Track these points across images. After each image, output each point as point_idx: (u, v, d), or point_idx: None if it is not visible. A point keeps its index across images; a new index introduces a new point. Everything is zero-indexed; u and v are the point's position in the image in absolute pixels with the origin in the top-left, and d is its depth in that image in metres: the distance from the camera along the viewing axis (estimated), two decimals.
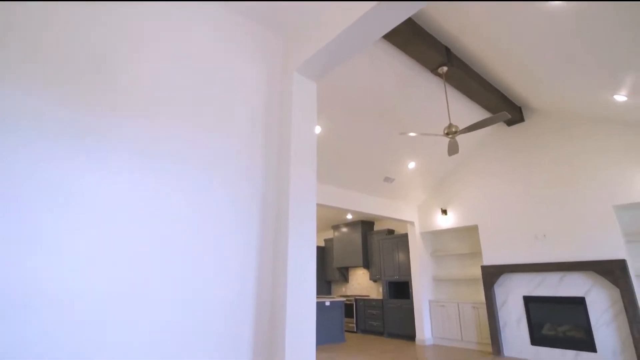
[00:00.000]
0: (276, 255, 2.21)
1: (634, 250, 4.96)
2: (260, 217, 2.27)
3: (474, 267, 6.83)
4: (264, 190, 2.36)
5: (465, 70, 4.72)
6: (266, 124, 2.48)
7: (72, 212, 1.72)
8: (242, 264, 2.13)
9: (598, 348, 4.75)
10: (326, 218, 9.43)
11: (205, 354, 1.88)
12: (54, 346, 1.55)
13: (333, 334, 7.00)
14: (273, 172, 2.41)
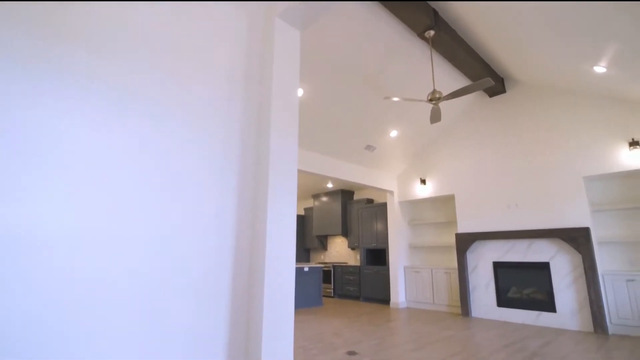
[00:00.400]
0: (255, 213, 2.16)
1: (598, 219, 5.24)
2: (238, 173, 2.19)
3: (449, 235, 7.06)
4: (243, 147, 2.27)
5: (452, 35, 4.63)
6: (246, 74, 2.35)
7: (46, 157, 1.60)
8: (220, 218, 2.08)
9: (558, 308, 5.09)
10: (306, 187, 9.43)
11: (184, 301, 1.85)
12: (31, 292, 1.48)
13: (311, 298, 7.19)
14: (253, 125, 2.32)
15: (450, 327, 5.11)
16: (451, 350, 3.85)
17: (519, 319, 5.43)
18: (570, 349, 3.87)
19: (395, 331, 4.82)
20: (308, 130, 5.50)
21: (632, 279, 4.59)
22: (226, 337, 1.95)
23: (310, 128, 5.48)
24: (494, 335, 4.59)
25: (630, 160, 4.77)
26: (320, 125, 5.53)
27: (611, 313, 4.69)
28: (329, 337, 4.49)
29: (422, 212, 7.60)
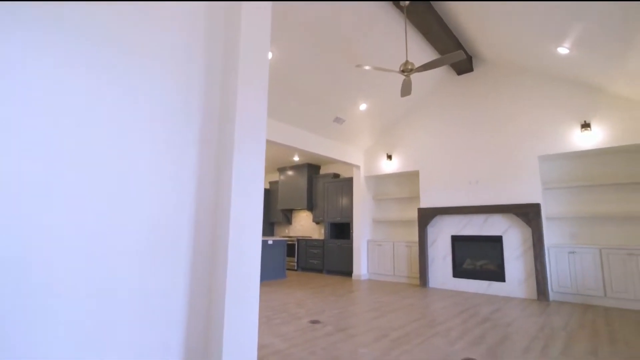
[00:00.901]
0: (219, 172, 1.99)
1: (548, 196, 5.59)
2: (199, 128, 1.99)
3: (411, 210, 7.26)
4: (206, 98, 2.05)
5: (427, 7, 4.53)
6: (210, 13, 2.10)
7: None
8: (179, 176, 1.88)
9: (507, 278, 5.46)
10: (272, 159, 9.20)
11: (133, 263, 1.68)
12: None
13: (275, 271, 7.16)
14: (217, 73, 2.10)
15: (410, 296, 5.32)
16: (411, 317, 4.00)
17: (472, 288, 5.77)
18: (517, 314, 4.17)
19: (357, 301, 4.93)
20: (275, 97, 5.26)
21: (573, 251, 4.99)
22: (185, 304, 1.82)
23: (278, 96, 5.24)
24: (449, 303, 4.83)
25: (581, 142, 5.06)
26: (289, 94, 5.30)
27: (553, 282, 5.10)
28: (292, 307, 4.49)
29: (387, 187, 7.71)
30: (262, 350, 2.84)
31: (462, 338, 3.21)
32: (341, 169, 9.08)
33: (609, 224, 5.07)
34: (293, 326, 3.56)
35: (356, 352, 2.80)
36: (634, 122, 4.70)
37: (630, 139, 4.71)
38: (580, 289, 4.88)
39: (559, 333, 3.40)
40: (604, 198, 5.15)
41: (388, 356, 2.72)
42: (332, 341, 3.08)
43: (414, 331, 3.42)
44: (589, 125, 4.98)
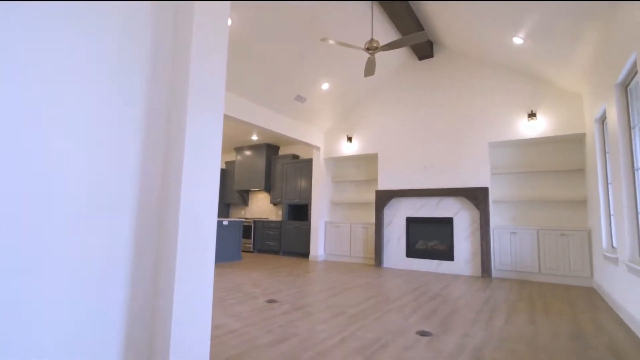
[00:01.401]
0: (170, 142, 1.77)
1: (495, 180, 5.93)
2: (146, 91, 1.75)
3: (369, 192, 7.36)
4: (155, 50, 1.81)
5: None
6: None
7: None
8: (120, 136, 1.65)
9: (455, 258, 5.76)
10: (229, 138, 8.81)
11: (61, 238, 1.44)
12: None
13: (230, 252, 6.94)
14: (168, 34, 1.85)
15: (365, 275, 5.42)
16: (367, 295, 4.06)
17: (423, 267, 6.03)
18: (465, 290, 4.41)
19: (314, 280, 4.92)
20: (234, 69, 4.95)
21: (514, 232, 5.37)
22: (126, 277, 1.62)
23: (236, 67, 4.93)
24: (403, 281, 4.99)
25: (527, 130, 5.39)
26: (249, 67, 5.02)
27: (495, 261, 5.48)
28: (248, 287, 4.36)
29: (346, 169, 7.74)
30: (216, 330, 2.70)
31: (415, 313, 3.31)
32: (301, 150, 8.95)
33: (546, 207, 5.51)
34: (248, 306, 3.44)
35: (314, 329, 2.77)
36: (574, 114, 5.08)
37: (569, 129, 5.09)
38: (518, 266, 5.29)
39: (501, 306, 3.64)
40: (543, 184, 5.57)
41: (346, 332, 2.72)
42: (290, 319, 3.02)
43: (370, 308, 3.47)
44: (535, 115, 5.31)
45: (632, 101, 3.09)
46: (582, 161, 5.29)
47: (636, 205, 3.00)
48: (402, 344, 2.49)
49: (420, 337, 2.63)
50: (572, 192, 5.34)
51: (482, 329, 2.86)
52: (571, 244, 4.96)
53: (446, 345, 2.48)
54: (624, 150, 3.13)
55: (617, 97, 3.20)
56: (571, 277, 4.94)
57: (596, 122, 4.28)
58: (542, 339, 2.63)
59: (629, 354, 2.38)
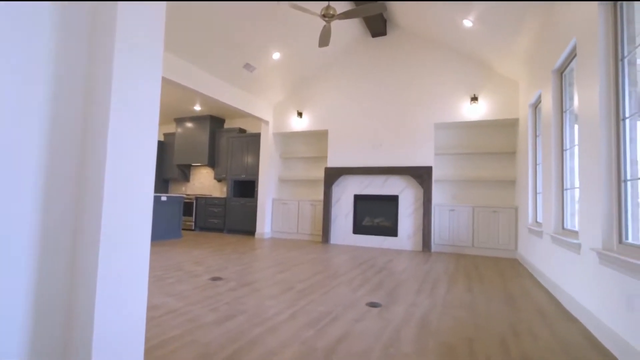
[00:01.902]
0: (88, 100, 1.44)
1: (438, 161, 6.21)
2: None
3: (318, 169, 7.30)
4: None
5: None
6: None
7: None
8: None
9: (399, 233, 5.99)
10: (169, 107, 8.07)
11: None
12: None
13: (169, 230, 6.47)
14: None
15: (313, 252, 5.40)
16: (315, 270, 4.03)
17: (369, 243, 6.19)
18: (408, 264, 4.60)
19: (261, 257, 4.77)
20: (177, 30, 4.42)
21: (453, 209, 5.71)
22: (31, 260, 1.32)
23: (178, 23, 4.41)
24: (350, 256, 5.06)
25: (469, 113, 5.67)
26: (192, 22, 4.51)
27: (435, 236, 5.80)
28: (189, 265, 4.07)
29: (295, 145, 7.56)
30: (153, 311, 2.45)
31: (363, 286, 3.34)
32: (248, 124, 8.53)
33: (481, 186, 5.93)
34: (190, 284, 3.20)
35: (263, 305, 2.64)
36: (510, 100, 5.44)
37: (505, 114, 5.45)
38: (455, 241, 5.66)
39: (442, 277, 3.85)
40: (480, 164, 5.96)
41: (296, 306, 2.64)
42: (236, 296, 2.85)
43: (318, 282, 3.43)
44: (477, 99, 5.59)
45: (565, 86, 3.34)
46: (514, 144, 5.73)
47: (562, 182, 3.30)
48: (352, 316, 2.47)
49: (370, 308, 2.65)
50: (504, 173, 5.79)
51: (426, 298, 2.97)
52: (501, 220, 5.41)
53: (395, 314, 2.52)
54: (556, 132, 3.39)
55: (554, 82, 3.43)
56: (499, 249, 5.41)
57: (530, 108, 4.61)
58: (479, 305, 2.81)
59: (551, 312, 2.63)
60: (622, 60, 2.17)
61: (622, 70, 2.17)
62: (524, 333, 2.23)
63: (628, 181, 2.10)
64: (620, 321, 1.90)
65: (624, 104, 2.15)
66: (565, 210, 3.26)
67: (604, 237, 2.17)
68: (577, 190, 3.10)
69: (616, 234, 2.12)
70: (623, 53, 2.17)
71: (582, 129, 2.58)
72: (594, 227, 2.29)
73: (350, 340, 2.03)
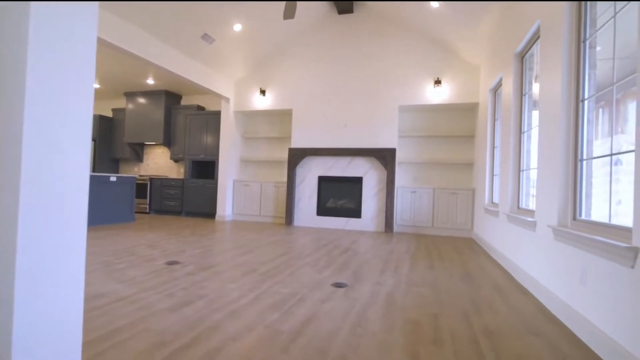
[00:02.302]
0: None
1: (402, 143, 6.28)
2: None
3: (282, 150, 7.10)
4: None
5: None
6: None
7: None
8: None
9: (362, 215, 6.04)
10: (118, 80, 7.38)
11: None
12: None
13: (120, 213, 6.01)
14: None
15: (276, 234, 5.29)
16: (279, 252, 3.92)
17: (333, 225, 6.18)
18: (371, 244, 4.64)
19: (221, 240, 4.57)
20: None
21: (415, 191, 5.83)
22: None
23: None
24: (313, 238, 5.01)
25: (433, 96, 5.74)
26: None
27: (397, 217, 5.91)
28: (143, 250, 3.78)
29: (258, 125, 7.28)
30: (99, 299, 2.21)
31: (329, 267, 3.30)
32: (207, 101, 8.06)
33: (441, 169, 6.09)
34: (144, 269, 2.96)
35: (225, 288, 2.50)
36: (471, 84, 5.57)
37: (466, 98, 5.58)
38: (416, 222, 5.81)
39: (404, 256, 3.91)
40: (441, 147, 6.11)
41: (259, 289, 2.53)
42: (195, 281, 2.68)
43: (283, 264, 3.34)
44: (440, 82, 5.66)
45: (525, 70, 3.43)
46: (473, 128, 5.92)
47: (519, 164, 3.43)
48: (319, 296, 2.41)
49: (336, 288, 2.60)
50: (463, 156, 5.99)
51: (391, 277, 2.99)
52: (459, 201, 5.61)
53: (361, 293, 2.50)
54: (515, 115, 3.50)
55: (515, 65, 3.51)
56: (457, 229, 5.64)
57: (490, 92, 4.74)
58: (441, 282, 2.87)
59: (507, 288, 2.76)
60: (584, 42, 2.22)
61: (583, 53, 2.22)
62: (485, 308, 2.30)
63: (584, 160, 2.18)
64: (573, 293, 2.00)
65: (584, 86, 2.21)
66: (521, 190, 3.41)
67: (560, 215, 2.27)
68: (533, 171, 3.23)
69: (571, 211, 2.22)
70: (585, 35, 2.22)
71: (543, 110, 2.65)
72: (551, 205, 2.39)
73: (317, 322, 1.96)
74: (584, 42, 2.22)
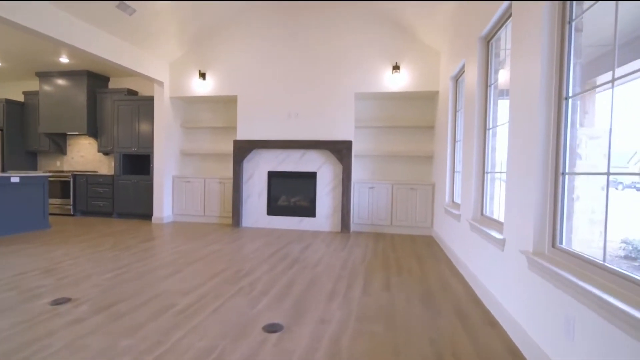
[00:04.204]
0: None
1: (358, 134, 5.78)
2: None
3: (227, 142, 6.35)
4: None
5: None
6: None
7: None
8: None
9: (317, 214, 5.52)
10: (27, 58, 6.13)
11: None
12: None
13: (28, 220, 5.02)
14: None
15: (218, 240, 4.63)
16: (214, 269, 3.30)
17: (285, 225, 5.62)
18: (324, 251, 4.14)
19: (148, 254, 3.85)
20: None
21: (373, 186, 5.39)
22: None
23: None
24: (261, 244, 4.42)
25: (391, 84, 5.25)
26: None
27: (354, 215, 5.47)
28: (32, 278, 2.99)
29: (200, 113, 6.43)
30: None
31: (267, 293, 2.74)
32: (139, 84, 7.01)
33: (400, 162, 5.70)
34: (13, 316, 2.22)
35: (114, 347, 1.86)
36: (431, 71, 5.13)
37: (426, 86, 5.16)
38: (374, 219, 5.40)
39: (358, 268, 3.46)
40: (400, 139, 5.69)
41: (165, 344, 1.91)
42: (78, 334, 2.00)
43: (212, 291, 2.73)
44: (399, 68, 5.17)
45: (491, 57, 2.99)
46: (433, 118, 5.54)
47: (484, 164, 3.03)
48: (243, 350, 1.86)
49: (267, 334, 2.05)
50: (423, 148, 5.62)
51: (339, 306, 2.50)
52: (418, 197, 5.26)
53: (299, 341, 1.97)
54: (479, 109, 3.08)
55: (480, 50, 3.06)
56: (416, 227, 5.31)
57: (451, 80, 4.32)
58: (398, 311, 2.42)
59: (473, 317, 2.37)
60: (569, 24, 1.77)
61: (568, 37, 1.77)
62: (447, 352, 1.86)
63: (566, 174, 1.77)
64: (556, 347, 1.60)
65: (568, 79, 1.77)
66: (485, 193, 3.03)
67: (535, 239, 1.86)
68: (499, 174, 2.84)
69: (549, 236, 1.81)
70: (572, 15, 1.76)
71: (514, 107, 2.21)
72: (523, 224, 1.98)
73: None
74: (569, 23, 1.77)
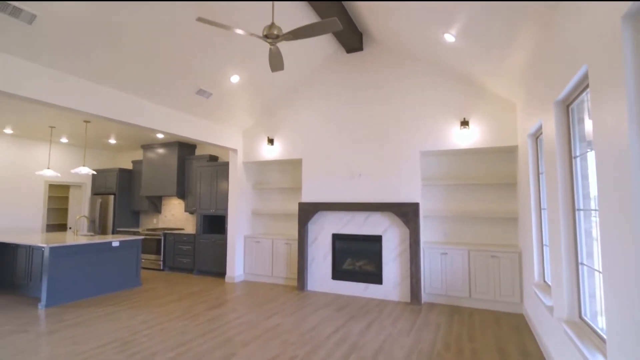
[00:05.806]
0: None
1: (426, 192, 5.38)
2: None
3: (294, 201, 6.50)
4: None
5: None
6: None
7: None
8: None
9: (384, 281, 5.15)
10: (133, 134, 7.36)
11: None
12: None
13: (125, 279, 5.70)
14: None
15: (280, 310, 4.57)
16: (267, 354, 3.20)
17: (350, 291, 5.35)
18: (388, 332, 3.75)
19: (212, 326, 3.95)
20: (116, 62, 3.68)
21: (446, 252, 4.86)
22: None
23: (119, 59, 3.68)
24: (320, 319, 4.22)
25: (459, 140, 4.85)
26: (129, 55, 3.78)
27: (426, 283, 4.95)
28: (109, 352, 3.26)
29: (269, 175, 6.78)
30: None
31: None
32: (219, 151, 7.78)
33: (477, 223, 5.07)
34: None
35: None
36: (507, 124, 4.61)
37: (502, 141, 4.62)
38: (449, 290, 4.80)
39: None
40: (475, 197, 5.12)
41: None
42: None
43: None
44: (468, 123, 4.77)
45: (574, 124, 2.51)
46: (514, 174, 4.89)
47: (577, 255, 2.45)
48: None
49: None
50: (504, 208, 4.94)
51: None
52: (502, 266, 4.54)
53: None
54: (564, 188, 2.56)
55: (557, 115, 2.61)
56: (501, 302, 4.54)
57: (529, 138, 3.78)
58: None
59: None
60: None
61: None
62: None
63: None
64: None
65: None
66: (582, 290, 2.42)
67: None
68: (597, 268, 2.26)
69: None
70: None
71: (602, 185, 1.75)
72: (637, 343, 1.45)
73: None
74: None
